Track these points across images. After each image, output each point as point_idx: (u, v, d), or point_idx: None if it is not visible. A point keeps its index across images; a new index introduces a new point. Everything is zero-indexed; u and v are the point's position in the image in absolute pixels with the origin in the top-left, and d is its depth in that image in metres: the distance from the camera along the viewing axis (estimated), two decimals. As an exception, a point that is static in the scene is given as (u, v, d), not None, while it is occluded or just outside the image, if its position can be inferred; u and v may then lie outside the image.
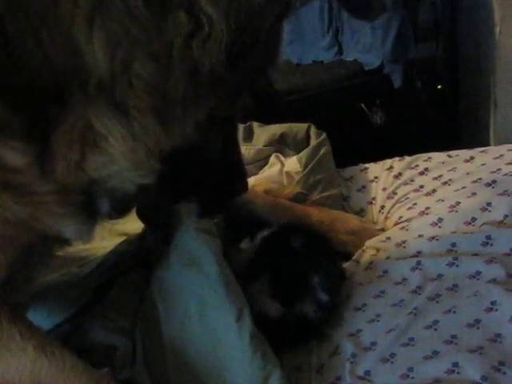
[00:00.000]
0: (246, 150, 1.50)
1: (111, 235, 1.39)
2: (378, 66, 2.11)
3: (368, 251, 1.29)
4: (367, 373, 0.99)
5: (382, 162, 1.53)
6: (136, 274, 1.23)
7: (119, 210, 1.00)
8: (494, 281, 1.08)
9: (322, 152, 1.45)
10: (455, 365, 0.95)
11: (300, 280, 1.11)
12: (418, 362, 0.98)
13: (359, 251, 1.30)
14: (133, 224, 1.32)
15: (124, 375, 1.02)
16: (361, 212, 1.46)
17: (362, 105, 2.10)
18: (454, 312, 1.05)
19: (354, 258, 1.28)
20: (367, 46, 2.11)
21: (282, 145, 1.53)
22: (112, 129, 0.72)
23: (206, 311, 1.03)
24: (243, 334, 0.99)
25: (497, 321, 1.01)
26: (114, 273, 1.25)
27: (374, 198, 1.47)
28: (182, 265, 1.11)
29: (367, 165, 1.55)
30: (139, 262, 1.26)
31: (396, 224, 1.37)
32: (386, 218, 1.41)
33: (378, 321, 1.09)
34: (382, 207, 1.44)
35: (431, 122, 2.32)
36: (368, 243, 1.31)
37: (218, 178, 0.98)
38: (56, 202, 0.81)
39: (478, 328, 1.01)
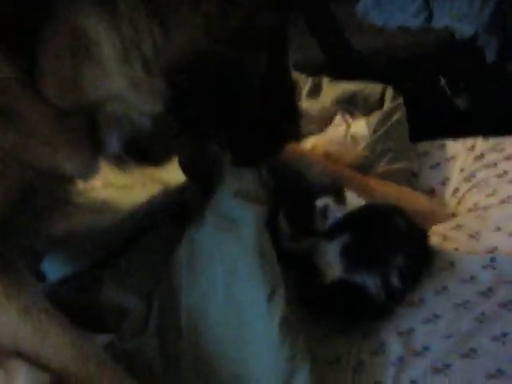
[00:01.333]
0: (310, 107, 1.33)
1: (153, 183, 1.27)
2: (471, 36, 1.86)
3: (434, 238, 1.11)
4: (414, 383, 0.83)
5: (462, 140, 1.34)
6: (168, 230, 1.10)
7: (134, 151, 0.88)
8: None
9: (395, 118, 1.27)
10: (523, 391, 0.78)
11: (381, 254, 0.96)
12: (478, 379, 0.82)
13: None
14: (177, 174, 1.20)
15: (132, 343, 0.90)
16: (431, 192, 1.28)
17: (443, 80, 1.86)
18: (529, 325, 0.87)
19: (416, 243, 1.10)
20: (462, 12, 1.86)
21: (351, 105, 1.36)
22: (101, 31, 0.58)
23: (235, 284, 0.89)
24: (273, 318, 0.85)
25: None
26: (145, 225, 1.12)
27: (448, 179, 1.28)
28: (216, 228, 0.97)
29: (445, 141, 1.35)
30: (174, 217, 1.14)
31: (470, 211, 1.18)
32: (460, 202, 1.23)
33: (435, 322, 0.92)
34: (456, 190, 1.25)
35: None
36: (435, 228, 1.13)
37: (259, 112, 0.80)
38: (51, 128, 0.69)
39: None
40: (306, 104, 1.35)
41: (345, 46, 1.62)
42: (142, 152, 0.96)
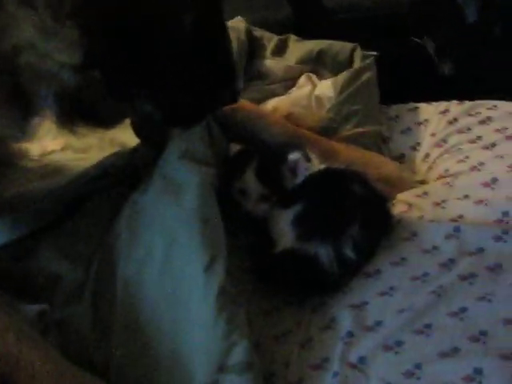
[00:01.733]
0: (274, 66, 1.25)
1: (112, 146, 1.19)
2: None
3: (398, 206, 1.04)
4: (362, 360, 0.77)
5: (436, 104, 1.26)
6: (115, 192, 1.03)
7: (74, 111, 0.81)
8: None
9: (364, 78, 1.19)
10: (478, 371, 0.72)
11: (334, 223, 0.90)
12: (431, 358, 0.76)
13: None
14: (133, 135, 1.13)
15: (65, 312, 0.83)
16: (400, 158, 1.21)
17: (430, 43, 1.77)
18: (490, 301, 0.81)
19: (379, 211, 1.03)
20: None
21: (318, 64, 1.27)
22: None
23: (173, 251, 0.82)
24: (210, 288, 0.78)
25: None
26: (92, 188, 1.05)
27: (418, 144, 1.21)
28: (159, 192, 0.91)
29: (418, 104, 1.27)
30: (124, 181, 1.06)
31: (440, 178, 1.11)
32: (430, 168, 1.15)
33: (390, 295, 0.86)
34: (427, 155, 1.18)
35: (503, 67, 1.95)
36: (400, 196, 1.06)
37: (188, 72, 0.74)
38: None
39: (518, 327, 0.77)
40: (269, 63, 1.26)
41: (315, 3, 1.53)
42: (85, 112, 0.89)
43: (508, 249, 0.88)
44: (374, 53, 1.74)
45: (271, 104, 1.16)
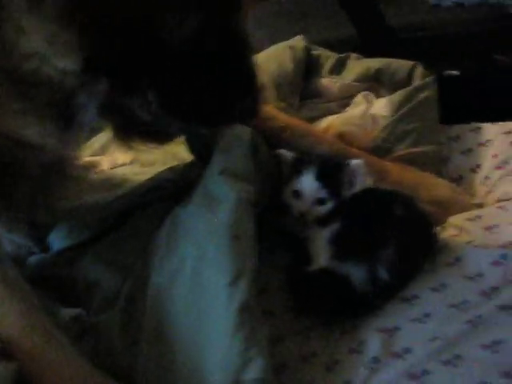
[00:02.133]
0: (330, 84, 1.24)
1: (174, 161, 1.24)
2: None
3: (449, 229, 1.00)
4: (384, 387, 0.75)
5: (500, 124, 1.20)
6: (162, 206, 1.06)
7: (123, 124, 0.84)
8: None
9: (422, 96, 1.15)
10: (505, 409, 0.68)
11: (370, 244, 0.88)
12: (456, 391, 0.72)
13: (439, 228, 1.02)
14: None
15: (99, 318, 0.88)
16: (459, 179, 1.16)
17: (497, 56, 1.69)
18: (529, 334, 0.76)
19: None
20: None
21: (375, 83, 1.25)
22: None
23: (202, 265, 0.84)
24: (231, 303, 0.79)
25: None
26: (144, 200, 1.09)
27: (478, 166, 1.15)
28: (197, 205, 0.93)
29: (481, 124, 1.22)
30: (175, 194, 1.10)
31: (499, 201, 1.06)
32: (489, 191, 1.10)
33: (424, 322, 0.83)
34: (487, 178, 1.12)
35: None
36: (452, 219, 1.02)
37: (190, 74, 0.74)
38: (7, 94, 0.67)
39: (558, 365, 0.72)
40: (325, 81, 1.26)
41: (379, 22, 1.51)
42: (140, 128, 0.94)
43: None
44: (457, 72, 1.69)
45: (325, 122, 1.15)
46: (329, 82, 1.25)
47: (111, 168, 1.35)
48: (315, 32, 1.54)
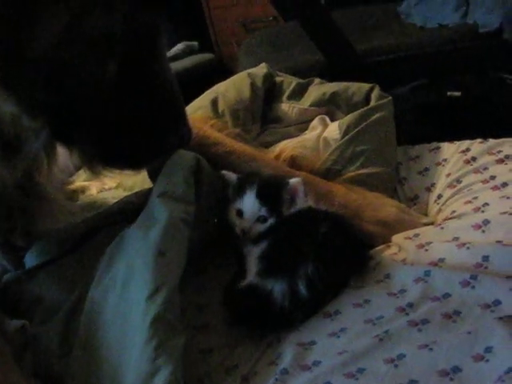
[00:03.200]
0: (288, 109, 1.29)
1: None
2: (495, 28, 1.65)
3: (391, 248, 1.03)
4: (287, 398, 0.78)
5: (458, 143, 1.21)
6: (123, 227, 1.13)
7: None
8: (504, 319, 0.77)
9: (373, 118, 1.18)
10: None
11: (291, 260, 0.91)
12: (352, 403, 0.74)
13: (382, 246, 1.04)
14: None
15: (40, 330, 0.94)
16: (414, 199, 1.18)
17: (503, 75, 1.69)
18: (431, 349, 0.78)
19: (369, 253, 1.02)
20: (490, 4, 1.66)
21: (332, 106, 1.28)
22: None
23: (129, 281, 0.90)
24: (147, 315, 0.84)
25: (482, 376, 0.72)
26: (107, 222, 1.17)
27: (433, 185, 1.17)
28: (137, 226, 0.99)
29: (441, 144, 1.23)
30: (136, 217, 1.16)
31: (447, 219, 1.07)
32: (440, 210, 1.11)
33: (338, 336, 0.85)
34: (440, 196, 1.14)
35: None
36: (395, 238, 1.04)
37: (117, 117, 0.80)
38: None
39: (452, 379, 0.73)
40: (284, 106, 1.30)
41: (346, 48, 1.54)
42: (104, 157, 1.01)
43: (473, 295, 0.84)
44: (458, 93, 1.70)
45: (279, 146, 1.20)
46: (287, 107, 1.29)
47: (98, 192, 1.43)
48: (296, 58, 1.60)
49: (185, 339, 0.84)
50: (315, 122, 1.26)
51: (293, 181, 0.99)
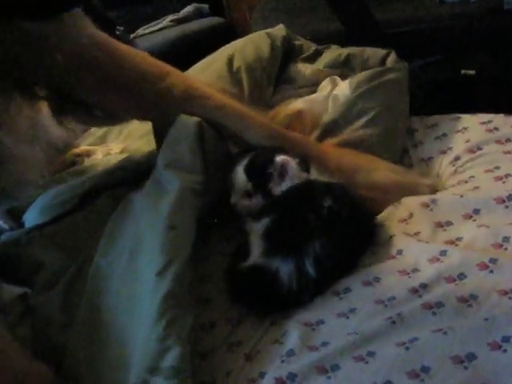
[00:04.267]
0: (303, 69, 1.22)
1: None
2: None
3: (400, 209, 0.97)
4: (291, 377, 0.74)
5: (481, 115, 1.15)
6: (125, 189, 1.08)
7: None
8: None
9: (386, 77, 1.11)
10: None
11: (297, 239, 0.86)
12: (360, 389, 0.71)
13: (390, 208, 0.98)
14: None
15: (39, 299, 0.91)
16: (427, 160, 1.13)
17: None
18: (445, 334, 0.73)
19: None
20: None
21: (346, 68, 1.22)
22: None
23: (138, 253, 0.87)
24: (157, 292, 0.80)
25: (498, 366, 0.69)
26: (110, 181, 1.12)
27: (450, 148, 1.11)
28: (146, 194, 0.96)
29: (461, 115, 1.17)
30: (138, 178, 1.11)
31: (461, 182, 1.02)
32: (455, 171, 1.06)
33: (347, 317, 0.82)
34: (457, 158, 1.08)
35: None
36: (406, 201, 0.98)
37: None
38: None
39: (467, 368, 0.69)
40: (299, 67, 1.24)
41: (366, 17, 1.46)
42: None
43: (490, 280, 0.79)
44: (473, 72, 1.62)
45: (288, 104, 1.14)
46: (301, 68, 1.23)
47: (104, 157, 1.38)
48: (313, 25, 1.52)
49: (193, 318, 0.81)
50: (325, 81, 1.20)
51: (278, 159, 0.93)
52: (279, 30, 1.32)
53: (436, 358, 0.71)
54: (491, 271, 0.80)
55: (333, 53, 1.24)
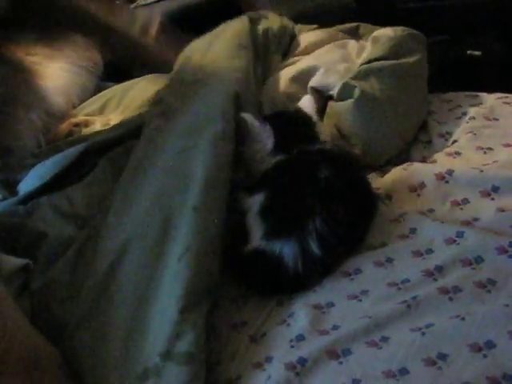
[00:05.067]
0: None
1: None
2: None
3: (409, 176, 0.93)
4: (302, 362, 0.71)
5: (502, 95, 1.11)
6: (122, 158, 1.04)
7: None
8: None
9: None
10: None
11: (297, 216, 0.82)
12: (373, 374, 0.68)
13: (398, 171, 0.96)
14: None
15: (46, 277, 0.86)
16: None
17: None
18: (463, 320, 0.70)
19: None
20: None
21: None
22: None
23: (161, 234, 0.83)
24: (177, 276, 0.77)
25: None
26: (103, 142, 1.08)
27: (464, 113, 1.08)
28: (165, 153, 0.92)
29: (480, 93, 1.13)
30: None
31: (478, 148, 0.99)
32: (474, 136, 1.02)
33: (359, 299, 0.78)
34: (473, 125, 1.04)
35: None
36: (417, 168, 0.95)
37: None
38: None
39: (486, 356, 0.66)
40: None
41: None
42: None
43: (509, 264, 0.76)
44: (479, 53, 1.57)
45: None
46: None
47: (102, 127, 1.34)
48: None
49: (210, 304, 0.78)
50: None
51: (243, 115, 0.91)
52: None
53: (453, 345, 0.68)
54: (510, 256, 0.77)
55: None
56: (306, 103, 0.95)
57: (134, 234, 0.86)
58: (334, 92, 1.05)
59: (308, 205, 0.80)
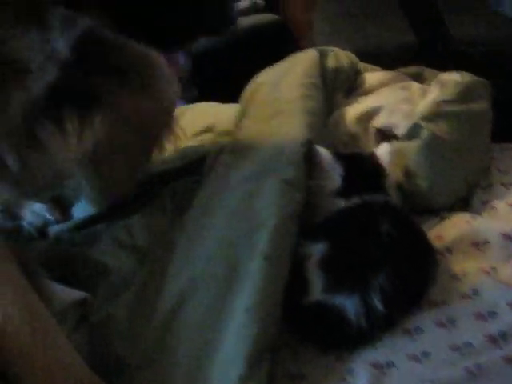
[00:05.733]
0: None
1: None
2: None
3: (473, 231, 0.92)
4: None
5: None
6: (185, 188, 1.04)
7: None
8: None
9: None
10: None
11: (360, 270, 0.81)
12: None
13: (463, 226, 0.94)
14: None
15: (104, 310, 0.86)
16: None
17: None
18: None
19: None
20: None
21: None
22: None
23: (233, 279, 0.82)
24: (246, 329, 0.77)
25: None
26: (163, 174, 1.08)
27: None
28: (233, 192, 0.92)
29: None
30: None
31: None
32: None
33: (420, 362, 0.77)
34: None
35: None
36: (482, 223, 0.94)
37: None
38: None
39: None
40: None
41: (443, 30, 1.37)
42: None
43: None
44: None
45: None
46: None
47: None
48: (379, 37, 1.44)
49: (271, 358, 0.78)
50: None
51: (317, 147, 0.92)
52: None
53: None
54: None
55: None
56: (384, 154, 0.93)
57: (199, 277, 0.85)
58: (399, 132, 1.04)
59: (372, 259, 0.79)
